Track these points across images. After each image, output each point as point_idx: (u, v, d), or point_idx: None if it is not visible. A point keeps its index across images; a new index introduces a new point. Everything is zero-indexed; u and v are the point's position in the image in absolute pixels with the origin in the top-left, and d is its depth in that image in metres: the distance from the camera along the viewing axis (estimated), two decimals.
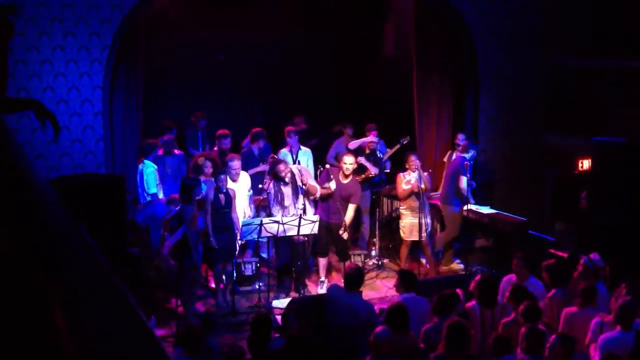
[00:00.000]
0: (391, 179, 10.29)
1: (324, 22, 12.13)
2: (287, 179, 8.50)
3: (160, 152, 9.56)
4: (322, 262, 9.04)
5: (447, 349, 5.19)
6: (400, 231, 9.46)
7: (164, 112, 10.88)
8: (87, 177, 8.16)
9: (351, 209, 8.87)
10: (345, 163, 8.89)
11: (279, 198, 8.56)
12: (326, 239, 8.94)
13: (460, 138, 10.24)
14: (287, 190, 8.58)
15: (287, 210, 8.57)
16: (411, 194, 9.24)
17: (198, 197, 8.05)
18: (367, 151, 10.11)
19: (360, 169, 9.68)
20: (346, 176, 8.87)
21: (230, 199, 8.33)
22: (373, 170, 9.96)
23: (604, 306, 6.33)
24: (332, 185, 8.78)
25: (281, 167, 8.49)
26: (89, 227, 1.38)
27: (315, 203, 9.03)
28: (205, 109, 10.86)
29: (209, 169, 8.86)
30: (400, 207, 9.49)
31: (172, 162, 9.65)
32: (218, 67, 11.85)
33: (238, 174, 8.81)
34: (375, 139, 10.19)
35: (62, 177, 8.38)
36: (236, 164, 8.77)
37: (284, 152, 9.85)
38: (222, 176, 8.33)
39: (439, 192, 10.29)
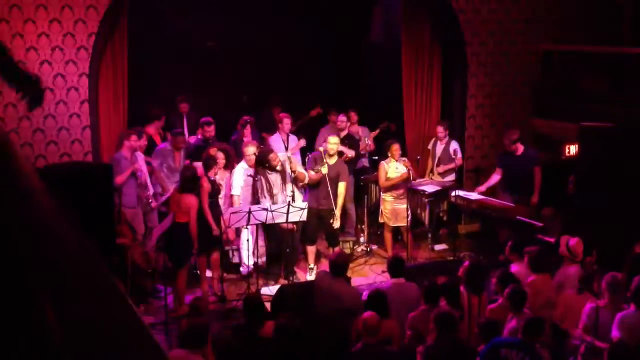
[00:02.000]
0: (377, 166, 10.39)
1: (312, 8, 12.08)
2: (278, 168, 8.48)
3: (166, 146, 9.42)
4: (311, 249, 9.05)
5: (437, 339, 5.22)
6: (384, 217, 9.43)
7: (150, 100, 10.78)
8: (75, 166, 8.13)
9: (342, 187, 8.83)
10: (329, 143, 8.87)
11: (267, 187, 8.53)
12: (316, 227, 8.93)
13: (440, 130, 10.26)
14: (275, 179, 8.56)
15: (276, 198, 8.55)
16: (395, 184, 9.23)
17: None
18: (343, 134, 10.08)
19: (338, 154, 9.70)
20: (331, 156, 8.83)
21: (217, 187, 8.34)
22: (349, 154, 9.93)
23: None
24: (324, 169, 8.71)
25: (272, 156, 8.46)
26: (77, 216, 1.37)
27: (304, 190, 9.02)
28: (188, 94, 10.80)
29: (222, 161, 8.67)
30: (382, 194, 9.47)
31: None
32: (206, 54, 11.78)
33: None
34: (343, 119, 10.20)
35: (50, 165, 8.34)
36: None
37: (275, 139, 9.83)
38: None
39: (426, 179, 10.31)
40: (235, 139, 9.92)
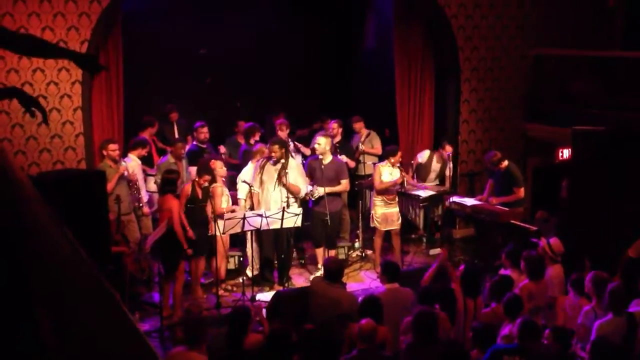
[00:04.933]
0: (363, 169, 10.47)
1: (306, 14, 12.11)
2: (274, 159, 8.56)
3: (167, 158, 9.36)
4: (318, 252, 9.14)
5: (416, 339, 5.23)
6: (375, 222, 9.37)
7: (144, 107, 10.76)
8: (68, 173, 8.10)
9: (343, 183, 8.87)
10: (316, 143, 8.90)
11: (260, 170, 8.55)
12: (321, 230, 8.94)
13: (448, 149, 10.32)
14: (270, 169, 8.57)
15: (265, 184, 8.55)
16: (387, 187, 9.23)
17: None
18: (336, 140, 10.10)
19: None
20: (322, 154, 8.82)
21: (207, 193, 8.32)
22: (351, 164, 10.05)
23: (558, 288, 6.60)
24: (316, 192, 8.83)
25: (272, 147, 8.55)
26: (70, 224, 1.37)
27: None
28: (179, 102, 10.82)
29: (221, 170, 8.56)
30: (374, 198, 9.40)
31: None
32: (199, 60, 11.78)
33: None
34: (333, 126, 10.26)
35: (43, 173, 8.31)
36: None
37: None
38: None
39: (426, 183, 10.30)
40: (245, 148, 9.86)
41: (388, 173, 9.21)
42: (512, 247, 7.10)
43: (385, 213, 9.26)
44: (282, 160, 8.57)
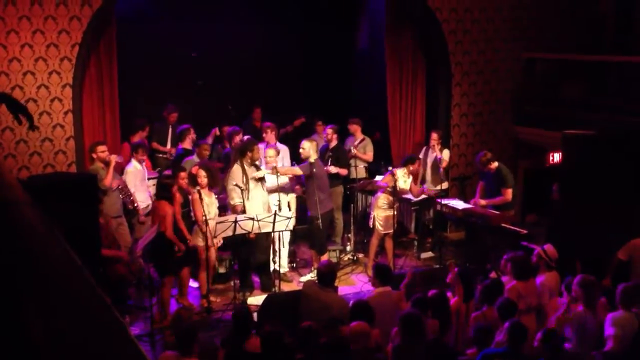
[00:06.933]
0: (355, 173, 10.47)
1: (298, 16, 12.12)
2: (257, 162, 8.59)
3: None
4: (314, 254, 9.15)
5: (403, 340, 5.24)
6: (377, 224, 9.36)
7: (134, 109, 10.73)
8: (58, 176, 8.06)
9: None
10: (302, 148, 8.93)
11: (244, 179, 8.50)
12: (320, 234, 8.93)
13: (434, 137, 10.31)
14: (251, 172, 8.56)
15: (251, 193, 8.48)
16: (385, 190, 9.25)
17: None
18: (331, 145, 10.09)
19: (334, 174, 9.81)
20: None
21: (187, 198, 8.30)
22: (342, 173, 10.02)
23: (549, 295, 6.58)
24: (297, 169, 8.88)
25: (258, 147, 8.63)
26: (61, 227, 1.36)
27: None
28: (175, 103, 10.80)
29: (202, 179, 8.30)
30: (380, 202, 9.39)
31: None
32: (191, 63, 11.76)
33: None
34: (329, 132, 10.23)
35: (33, 176, 8.28)
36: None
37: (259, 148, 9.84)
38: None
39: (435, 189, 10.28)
40: (229, 152, 9.84)
41: (403, 180, 9.26)
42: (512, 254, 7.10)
43: (387, 216, 9.26)
44: (257, 162, 8.65)
